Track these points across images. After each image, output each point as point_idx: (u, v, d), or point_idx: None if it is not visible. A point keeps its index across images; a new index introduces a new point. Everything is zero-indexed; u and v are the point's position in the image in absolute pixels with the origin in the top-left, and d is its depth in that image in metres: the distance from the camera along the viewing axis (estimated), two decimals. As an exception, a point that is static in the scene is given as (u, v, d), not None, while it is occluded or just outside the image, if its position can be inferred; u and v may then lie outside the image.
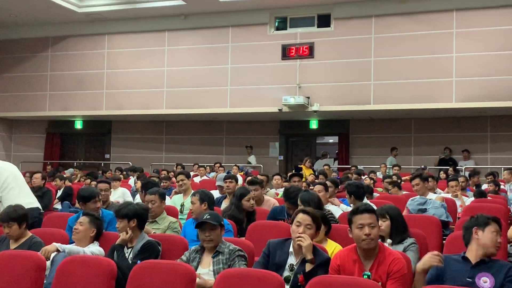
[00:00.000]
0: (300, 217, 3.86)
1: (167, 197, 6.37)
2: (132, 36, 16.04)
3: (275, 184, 9.45)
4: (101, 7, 15.25)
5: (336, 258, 3.61)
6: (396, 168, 12.55)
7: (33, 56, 17.07)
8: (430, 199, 6.38)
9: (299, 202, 5.23)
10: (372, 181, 9.90)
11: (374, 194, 8.22)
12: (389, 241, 4.39)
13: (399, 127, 15.14)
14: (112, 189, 8.29)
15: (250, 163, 15.56)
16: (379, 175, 12.44)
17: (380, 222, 4.35)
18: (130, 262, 4.23)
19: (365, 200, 6.36)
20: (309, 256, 3.67)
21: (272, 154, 16.42)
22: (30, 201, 5.71)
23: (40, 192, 8.65)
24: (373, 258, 3.50)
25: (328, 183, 6.91)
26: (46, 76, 16.87)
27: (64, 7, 14.94)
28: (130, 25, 15.85)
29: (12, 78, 17.22)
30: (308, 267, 3.64)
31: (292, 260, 3.79)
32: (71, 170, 14.43)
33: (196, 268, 3.99)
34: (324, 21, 14.57)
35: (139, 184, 8.64)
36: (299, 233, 3.75)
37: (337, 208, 6.19)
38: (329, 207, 5.97)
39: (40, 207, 5.90)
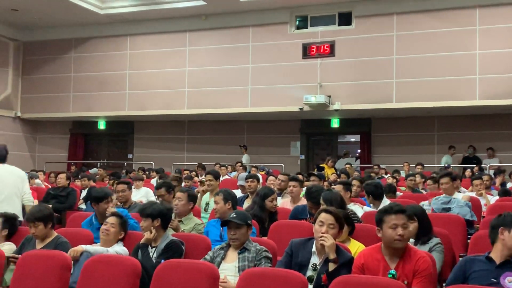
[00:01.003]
0: (323, 216, 3.84)
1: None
2: (153, 37, 16.15)
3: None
4: (123, 9, 15.39)
5: (360, 257, 3.60)
6: (419, 166, 12.44)
7: (57, 57, 17.28)
8: (454, 198, 6.32)
9: (321, 201, 5.22)
10: (395, 180, 9.84)
11: (397, 193, 8.16)
12: (411, 240, 4.37)
13: (422, 125, 15.01)
14: (135, 189, 8.37)
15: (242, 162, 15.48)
16: (402, 174, 12.35)
17: (407, 224, 4.33)
18: (154, 261, 4.26)
19: (385, 199, 6.33)
20: (332, 256, 3.66)
21: (293, 153, 16.40)
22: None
23: (64, 192, 8.79)
24: (398, 257, 3.49)
25: (354, 181, 6.88)
26: (69, 77, 17.07)
27: (87, 9, 15.11)
28: (152, 26, 15.96)
29: (36, 80, 17.46)
30: (331, 266, 3.63)
31: (315, 259, 3.78)
32: (95, 170, 14.57)
33: (220, 263, 4.03)
34: (345, 19, 14.50)
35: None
36: (322, 233, 3.74)
37: (358, 208, 6.16)
38: (351, 206, 5.94)
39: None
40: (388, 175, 11.59)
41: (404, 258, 3.47)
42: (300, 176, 9.10)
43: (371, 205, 6.32)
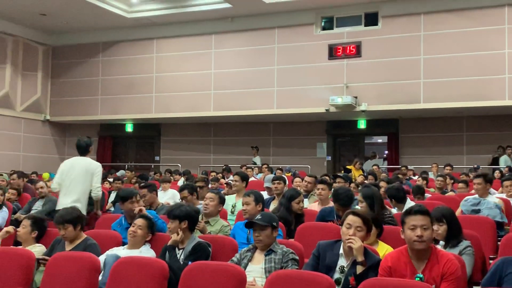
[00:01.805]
0: (351, 219, 3.81)
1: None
2: (180, 40, 16.26)
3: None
4: (150, 12, 15.53)
5: (387, 260, 3.55)
6: (448, 167, 12.27)
7: (85, 61, 17.52)
8: (484, 200, 6.21)
9: (360, 198, 5.18)
10: (424, 182, 9.72)
11: (426, 195, 8.06)
12: (441, 243, 4.30)
13: (450, 125, 14.81)
14: (162, 191, 8.43)
15: (255, 163, 15.48)
16: (431, 175, 12.20)
17: (436, 226, 4.27)
18: (182, 263, 4.28)
19: (409, 201, 6.25)
20: (360, 258, 3.63)
21: (320, 154, 16.33)
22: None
23: (93, 194, 8.86)
24: (425, 260, 3.43)
25: (381, 183, 6.82)
26: (97, 80, 17.28)
27: (114, 13, 15.29)
28: (178, 29, 16.07)
29: (65, 83, 17.72)
30: (359, 269, 3.59)
31: (342, 262, 3.75)
32: (122, 172, 14.72)
33: (246, 265, 4.02)
34: (371, 19, 14.40)
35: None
36: (349, 235, 3.72)
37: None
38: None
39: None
40: (416, 176, 11.46)
41: (431, 261, 3.41)
42: (326, 178, 9.07)
43: (395, 208, 6.26)
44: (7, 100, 16.41)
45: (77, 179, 6.28)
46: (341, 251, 3.78)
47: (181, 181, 11.91)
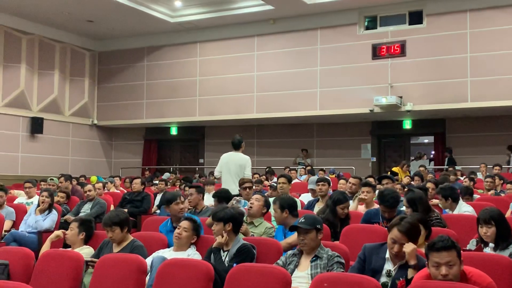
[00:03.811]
0: (395, 234, 3.65)
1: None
2: (222, 43, 16.36)
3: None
4: (193, 16, 15.69)
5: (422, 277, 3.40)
6: (497, 168, 11.94)
7: (130, 66, 17.83)
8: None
9: (405, 203, 5.09)
10: (472, 182, 9.49)
11: (474, 195, 7.87)
12: (491, 245, 4.19)
13: (499, 124, 14.42)
14: (206, 193, 8.49)
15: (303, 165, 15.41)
16: (479, 175, 11.90)
17: (485, 228, 4.16)
18: (227, 265, 4.29)
19: (461, 202, 6.12)
20: (413, 262, 3.54)
21: (364, 156, 16.15)
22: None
23: (139, 197, 9.03)
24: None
25: (429, 184, 6.70)
26: (142, 85, 17.56)
27: (158, 18, 15.52)
28: (221, 32, 16.18)
29: (112, 88, 18.07)
30: (411, 273, 3.50)
31: (389, 265, 3.68)
32: (167, 174, 14.91)
33: (293, 271, 3.99)
34: (416, 18, 14.16)
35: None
36: (395, 251, 3.62)
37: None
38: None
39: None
40: (464, 177, 11.20)
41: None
42: (371, 179, 8.94)
43: (446, 210, 6.13)
44: (55, 105, 16.85)
45: (233, 170, 7.70)
46: (387, 255, 3.71)
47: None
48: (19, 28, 15.61)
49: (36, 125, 16.06)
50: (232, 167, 7.78)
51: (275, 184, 7.69)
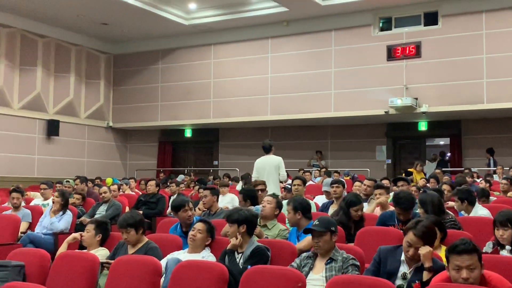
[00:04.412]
0: (410, 237, 3.63)
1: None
2: (236, 45, 16.39)
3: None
4: (207, 19, 15.73)
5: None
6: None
7: (145, 68, 17.92)
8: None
9: (418, 205, 5.06)
10: (488, 184, 9.40)
11: (491, 198, 7.79)
12: (508, 247, 4.14)
13: (516, 126, 14.29)
14: (220, 195, 8.50)
15: (318, 167, 15.36)
16: (496, 177, 11.79)
17: (501, 231, 4.11)
18: (241, 267, 4.29)
19: (477, 204, 6.06)
20: (428, 264, 3.51)
21: (379, 158, 16.08)
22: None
23: (154, 199, 9.06)
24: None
25: (444, 186, 6.65)
26: (157, 87, 17.64)
27: (173, 21, 15.58)
28: (235, 34, 16.20)
29: (126, 91, 18.18)
30: (426, 275, 3.48)
31: (404, 268, 3.66)
32: (181, 176, 14.95)
33: (308, 273, 3.97)
34: (431, 19, 14.07)
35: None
36: (409, 255, 3.61)
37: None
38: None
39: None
40: (480, 179, 11.10)
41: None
42: (386, 181, 8.89)
43: (462, 212, 6.08)
44: (71, 107, 16.98)
45: (269, 172, 8.16)
46: (402, 257, 3.69)
47: (239, 185, 11.98)
48: (35, 31, 15.77)
49: (52, 128, 16.19)
50: (267, 169, 8.25)
51: (289, 186, 7.68)
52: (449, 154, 15.86)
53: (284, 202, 6.56)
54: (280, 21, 15.40)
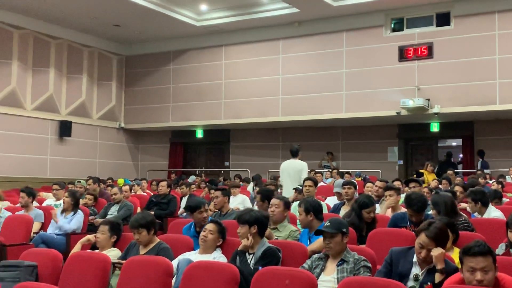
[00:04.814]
0: (423, 239, 3.63)
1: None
2: (247, 46, 16.40)
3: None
4: (218, 20, 15.75)
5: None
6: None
7: (156, 70, 17.97)
8: None
9: (431, 206, 5.04)
10: (500, 186, 9.33)
11: (503, 199, 7.74)
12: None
13: (529, 127, 14.18)
14: (232, 196, 8.51)
15: (329, 168, 15.32)
16: (508, 179, 11.70)
17: (513, 233, 4.09)
18: (252, 268, 4.29)
19: (491, 206, 6.02)
20: (440, 266, 3.50)
21: (391, 159, 16.01)
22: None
23: (166, 199, 9.09)
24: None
25: (457, 188, 6.61)
26: (168, 88, 17.69)
27: (184, 22, 15.62)
28: (246, 35, 16.21)
29: (138, 92, 18.24)
30: (438, 277, 3.46)
31: (416, 270, 3.64)
32: (193, 177, 14.98)
33: (319, 274, 3.96)
34: (443, 19, 13.99)
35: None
36: (422, 257, 3.60)
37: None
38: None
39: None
40: (493, 180, 11.03)
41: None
42: (398, 183, 8.85)
43: (475, 214, 6.04)
44: (84, 108, 17.07)
45: (292, 175, 8.50)
46: (415, 258, 3.67)
47: (250, 187, 11.98)
48: (48, 33, 15.87)
49: (65, 128, 16.29)
50: (291, 172, 8.66)
51: (300, 187, 7.67)
52: (461, 155, 15.76)
53: (295, 203, 6.57)
54: (291, 22, 15.39)
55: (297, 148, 9.06)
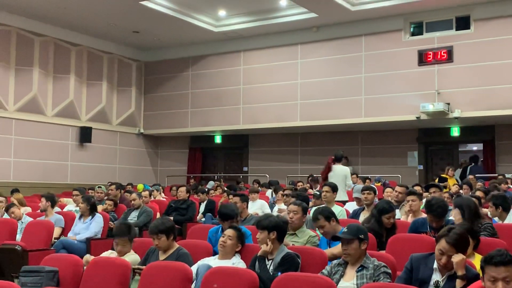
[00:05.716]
0: (443, 245, 3.59)
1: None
2: (266, 51, 16.41)
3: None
4: (236, 26, 15.81)
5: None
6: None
7: (175, 75, 18.08)
8: None
9: (453, 209, 4.99)
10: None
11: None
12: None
13: (552, 131, 13.98)
14: (250, 201, 8.52)
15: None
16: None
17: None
18: (271, 274, 4.28)
19: (511, 211, 5.95)
20: (461, 272, 3.46)
21: (411, 163, 15.88)
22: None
23: (185, 205, 9.12)
24: None
25: (478, 193, 6.54)
26: (187, 94, 17.78)
27: (202, 28, 15.70)
28: (264, 40, 16.24)
29: (157, 98, 18.36)
30: (459, 283, 3.42)
31: (437, 276, 3.61)
32: (211, 183, 15.00)
33: (339, 281, 3.94)
34: (463, 23, 13.88)
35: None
36: (442, 263, 3.56)
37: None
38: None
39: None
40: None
41: None
42: (418, 188, 8.77)
43: (496, 218, 5.97)
44: (104, 114, 17.22)
45: (337, 181, 8.50)
46: (435, 265, 3.64)
47: (269, 192, 11.96)
48: (68, 40, 16.06)
49: (85, 134, 16.44)
50: (334, 177, 9.06)
51: (318, 193, 7.63)
52: (481, 159, 15.59)
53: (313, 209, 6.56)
54: (310, 27, 15.39)
55: (341, 155, 9.64)
